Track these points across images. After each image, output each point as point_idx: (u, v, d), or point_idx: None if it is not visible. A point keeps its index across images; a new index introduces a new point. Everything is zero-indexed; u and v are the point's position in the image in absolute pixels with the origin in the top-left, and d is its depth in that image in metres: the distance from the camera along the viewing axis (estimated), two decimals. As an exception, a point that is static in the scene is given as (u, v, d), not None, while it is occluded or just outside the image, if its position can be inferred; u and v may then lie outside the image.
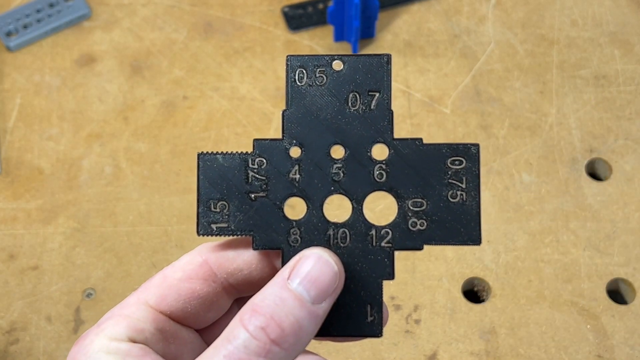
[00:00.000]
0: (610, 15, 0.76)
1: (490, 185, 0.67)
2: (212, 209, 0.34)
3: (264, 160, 0.34)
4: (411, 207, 0.34)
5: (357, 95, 0.35)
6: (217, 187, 0.34)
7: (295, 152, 0.34)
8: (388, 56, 0.34)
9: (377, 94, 0.35)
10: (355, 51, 0.73)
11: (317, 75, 0.35)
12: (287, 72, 0.35)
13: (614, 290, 0.63)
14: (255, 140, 0.34)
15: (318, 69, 0.35)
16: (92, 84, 0.72)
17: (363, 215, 0.34)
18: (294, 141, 0.34)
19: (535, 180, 0.67)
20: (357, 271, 0.34)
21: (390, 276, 0.34)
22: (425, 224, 0.34)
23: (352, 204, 0.34)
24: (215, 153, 0.34)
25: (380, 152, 0.34)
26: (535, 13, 0.76)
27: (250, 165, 0.34)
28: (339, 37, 0.74)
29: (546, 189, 0.67)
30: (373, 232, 0.34)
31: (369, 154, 0.34)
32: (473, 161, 0.34)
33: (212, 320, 0.35)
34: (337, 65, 0.35)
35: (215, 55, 0.74)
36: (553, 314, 0.61)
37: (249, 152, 0.34)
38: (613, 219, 0.65)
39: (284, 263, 0.34)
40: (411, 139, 0.34)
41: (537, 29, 0.75)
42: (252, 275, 0.34)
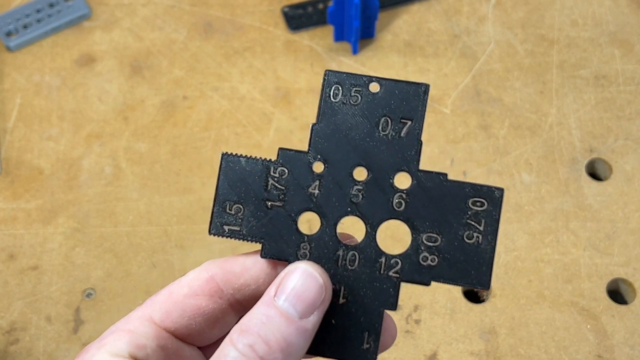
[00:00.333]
0: (610, 15, 0.76)
1: (490, 185, 0.67)
2: (227, 210, 0.34)
3: (286, 170, 0.34)
4: (425, 241, 0.34)
5: (389, 120, 0.34)
6: (235, 189, 0.34)
7: (318, 167, 0.34)
8: (426, 86, 0.34)
9: (409, 122, 0.34)
10: (355, 51, 0.73)
11: (353, 94, 0.34)
12: (323, 86, 0.34)
13: (614, 290, 0.63)
14: (280, 149, 0.34)
15: (354, 88, 0.34)
16: (92, 84, 0.72)
17: (375, 241, 0.34)
18: (319, 156, 0.34)
19: (535, 180, 0.67)
20: (361, 296, 0.34)
21: (393, 307, 0.34)
22: (436, 260, 0.34)
23: (367, 229, 0.34)
24: (239, 155, 0.34)
25: (402, 180, 0.34)
26: (535, 13, 0.76)
27: (272, 173, 0.34)
28: (339, 37, 0.74)
29: (546, 189, 0.67)
30: (383, 259, 0.34)
31: (391, 181, 0.34)
32: (495, 205, 0.34)
33: (217, 338, 0.35)
34: (374, 87, 0.34)
35: (215, 55, 0.74)
36: (553, 314, 0.61)
37: (272, 160, 0.34)
38: (613, 219, 0.65)
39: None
40: (436, 173, 0.34)
41: (537, 29, 0.75)
42: (260, 290, 0.34)
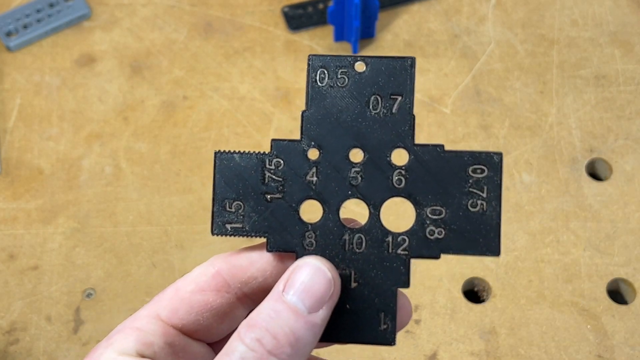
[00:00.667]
0: (611, 15, 0.76)
1: (491, 185, 0.67)
2: (227, 208, 0.34)
3: (281, 161, 0.34)
4: (429, 215, 0.33)
5: (379, 98, 0.34)
6: (233, 186, 0.34)
7: (313, 154, 0.34)
8: (412, 59, 0.34)
9: (399, 98, 0.34)
10: (355, 51, 0.73)
11: (339, 76, 0.34)
12: (308, 72, 0.34)
13: (614, 290, 0.63)
14: (273, 140, 0.34)
15: (340, 70, 0.34)
16: (92, 84, 0.72)
17: (380, 221, 0.34)
18: (313, 143, 0.34)
19: (535, 180, 0.67)
20: (372, 278, 0.33)
21: (406, 284, 0.33)
22: (443, 232, 0.33)
23: (370, 209, 0.34)
24: (232, 152, 0.34)
25: (400, 157, 0.34)
26: (535, 13, 0.76)
27: (267, 165, 0.34)
28: (339, 37, 0.74)
29: (546, 189, 0.67)
30: (389, 238, 0.34)
31: (388, 158, 0.34)
32: (495, 170, 0.33)
33: (226, 333, 0.35)
34: (360, 66, 0.34)
35: (215, 55, 0.74)
36: (553, 314, 0.61)
37: (266, 152, 0.34)
38: (613, 219, 0.65)
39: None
40: (432, 145, 0.33)
41: (537, 29, 0.75)
42: (267, 282, 0.34)
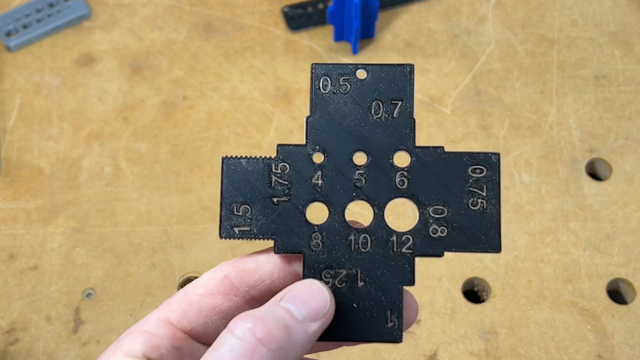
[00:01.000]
0: (610, 15, 0.76)
1: (490, 185, 0.67)
2: (235, 212, 0.35)
3: (287, 165, 0.35)
4: (432, 214, 0.35)
5: (380, 104, 0.35)
6: (240, 191, 0.35)
7: (318, 157, 0.35)
8: (411, 66, 0.35)
9: (399, 103, 0.35)
10: (355, 51, 0.73)
11: (341, 84, 0.35)
12: (311, 79, 0.35)
13: (614, 290, 0.63)
14: (279, 145, 0.35)
15: (342, 77, 0.35)
16: (92, 84, 0.72)
17: (384, 221, 0.35)
18: (317, 147, 0.35)
19: (535, 180, 0.67)
20: (378, 277, 0.34)
21: (411, 282, 0.34)
22: (445, 230, 0.34)
23: (374, 210, 0.35)
24: (239, 157, 0.35)
25: (401, 159, 0.35)
26: (535, 13, 0.76)
27: (274, 169, 0.35)
28: (339, 37, 0.74)
29: (546, 189, 0.67)
30: (394, 238, 0.35)
31: (390, 161, 0.35)
32: (494, 170, 0.35)
33: None
34: (361, 74, 0.35)
35: (215, 55, 0.74)
36: (553, 314, 0.61)
37: (272, 157, 0.35)
38: (613, 219, 0.65)
39: (305, 267, 0.34)
40: (433, 147, 0.35)
41: (537, 29, 0.75)
42: (275, 285, 0.35)
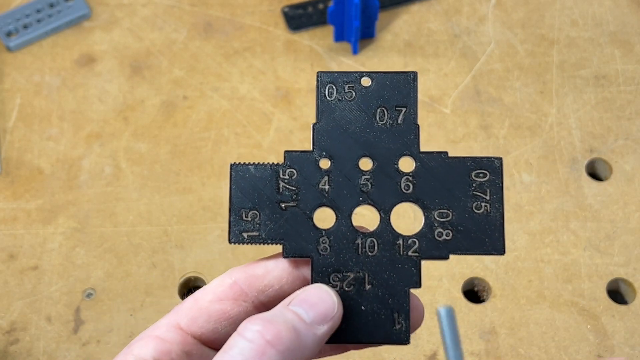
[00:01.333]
0: (610, 15, 0.76)
1: (490, 185, 0.67)
2: (244, 217, 0.35)
3: (295, 171, 0.36)
4: (437, 218, 0.35)
5: (385, 110, 0.36)
6: (248, 196, 0.35)
7: (324, 163, 0.36)
8: (414, 73, 0.36)
9: (404, 109, 0.36)
10: (355, 51, 0.73)
11: (347, 91, 0.36)
12: (317, 87, 0.36)
13: (614, 290, 0.63)
14: (286, 151, 0.36)
15: (347, 85, 0.36)
16: (92, 84, 0.72)
17: (391, 225, 0.35)
18: (324, 153, 0.36)
19: (535, 180, 0.67)
20: (385, 280, 0.35)
21: (417, 284, 0.35)
22: (451, 234, 0.35)
23: (380, 214, 0.35)
24: (247, 164, 0.35)
25: (406, 164, 0.36)
26: (535, 13, 0.76)
27: (282, 175, 0.35)
28: (339, 37, 0.74)
29: (546, 189, 0.67)
30: (400, 241, 0.35)
31: (396, 166, 0.36)
32: (497, 174, 0.35)
33: None
34: (366, 81, 0.36)
35: (215, 55, 0.74)
36: (553, 314, 0.61)
37: (280, 163, 0.36)
38: (613, 219, 0.65)
39: (313, 271, 0.35)
40: (437, 152, 0.36)
41: (537, 29, 0.75)
42: (283, 290, 0.35)
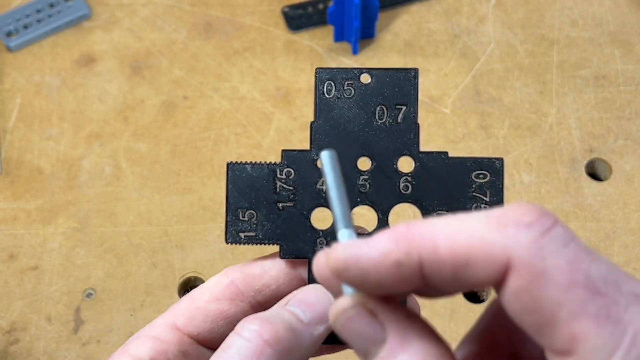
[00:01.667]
0: (610, 15, 0.76)
1: (490, 185, 0.67)
2: (241, 217, 0.35)
3: (292, 171, 0.35)
4: None
5: (384, 108, 0.35)
6: (245, 196, 0.35)
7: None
8: (415, 70, 0.35)
9: (404, 108, 0.35)
10: (355, 51, 0.73)
11: (345, 88, 0.35)
12: (315, 84, 0.35)
13: (614, 290, 0.63)
14: (283, 150, 0.35)
15: (346, 82, 0.35)
16: (92, 84, 0.72)
17: (389, 226, 0.35)
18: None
19: (535, 180, 0.67)
20: None
21: None
22: None
23: (378, 215, 0.35)
24: (244, 163, 0.35)
25: (406, 164, 0.35)
26: (535, 13, 0.76)
27: (279, 175, 0.35)
28: (339, 37, 0.74)
29: (546, 189, 0.67)
30: None
31: (395, 166, 0.35)
32: (497, 175, 0.35)
33: None
34: (365, 78, 0.35)
35: (215, 55, 0.74)
36: (553, 314, 0.61)
37: (277, 163, 0.35)
38: (613, 219, 0.65)
39: (310, 272, 0.34)
40: (437, 152, 0.35)
41: (537, 29, 0.75)
42: (280, 290, 0.35)
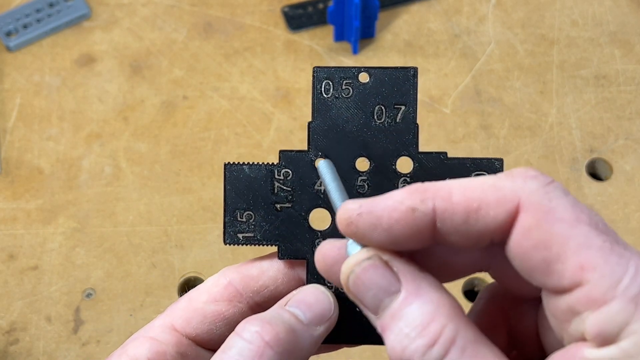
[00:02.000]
0: (610, 15, 0.76)
1: (491, 185, 0.67)
2: (239, 218, 0.35)
3: (290, 172, 0.35)
4: None
5: (383, 108, 0.35)
6: (243, 197, 0.34)
7: None
8: (414, 69, 0.34)
9: (402, 107, 0.35)
10: (355, 51, 0.73)
11: (344, 88, 0.35)
12: (313, 83, 0.35)
13: (614, 290, 0.63)
14: (281, 151, 0.35)
15: (344, 81, 0.35)
16: (92, 84, 0.72)
17: None
18: (320, 153, 0.35)
19: (536, 180, 0.67)
20: None
21: None
22: None
23: None
24: (241, 164, 0.35)
25: (404, 165, 0.34)
26: (535, 13, 0.76)
27: (276, 176, 0.35)
28: (339, 37, 0.74)
29: (546, 189, 0.67)
30: None
31: (393, 167, 0.34)
32: None
33: None
34: (364, 77, 0.35)
35: (215, 55, 0.74)
36: (553, 314, 0.61)
37: (275, 163, 0.35)
38: (613, 219, 0.65)
39: (308, 272, 0.34)
40: (436, 152, 0.34)
41: (537, 29, 0.75)
42: (279, 290, 0.35)
